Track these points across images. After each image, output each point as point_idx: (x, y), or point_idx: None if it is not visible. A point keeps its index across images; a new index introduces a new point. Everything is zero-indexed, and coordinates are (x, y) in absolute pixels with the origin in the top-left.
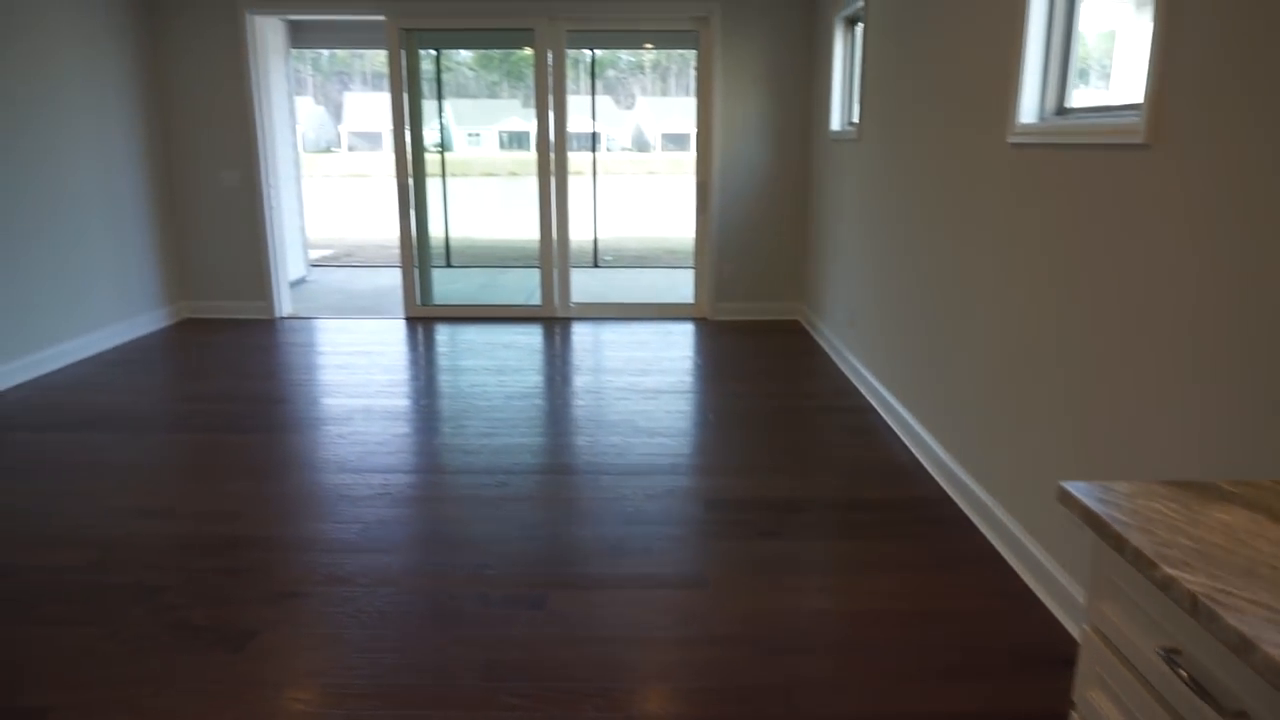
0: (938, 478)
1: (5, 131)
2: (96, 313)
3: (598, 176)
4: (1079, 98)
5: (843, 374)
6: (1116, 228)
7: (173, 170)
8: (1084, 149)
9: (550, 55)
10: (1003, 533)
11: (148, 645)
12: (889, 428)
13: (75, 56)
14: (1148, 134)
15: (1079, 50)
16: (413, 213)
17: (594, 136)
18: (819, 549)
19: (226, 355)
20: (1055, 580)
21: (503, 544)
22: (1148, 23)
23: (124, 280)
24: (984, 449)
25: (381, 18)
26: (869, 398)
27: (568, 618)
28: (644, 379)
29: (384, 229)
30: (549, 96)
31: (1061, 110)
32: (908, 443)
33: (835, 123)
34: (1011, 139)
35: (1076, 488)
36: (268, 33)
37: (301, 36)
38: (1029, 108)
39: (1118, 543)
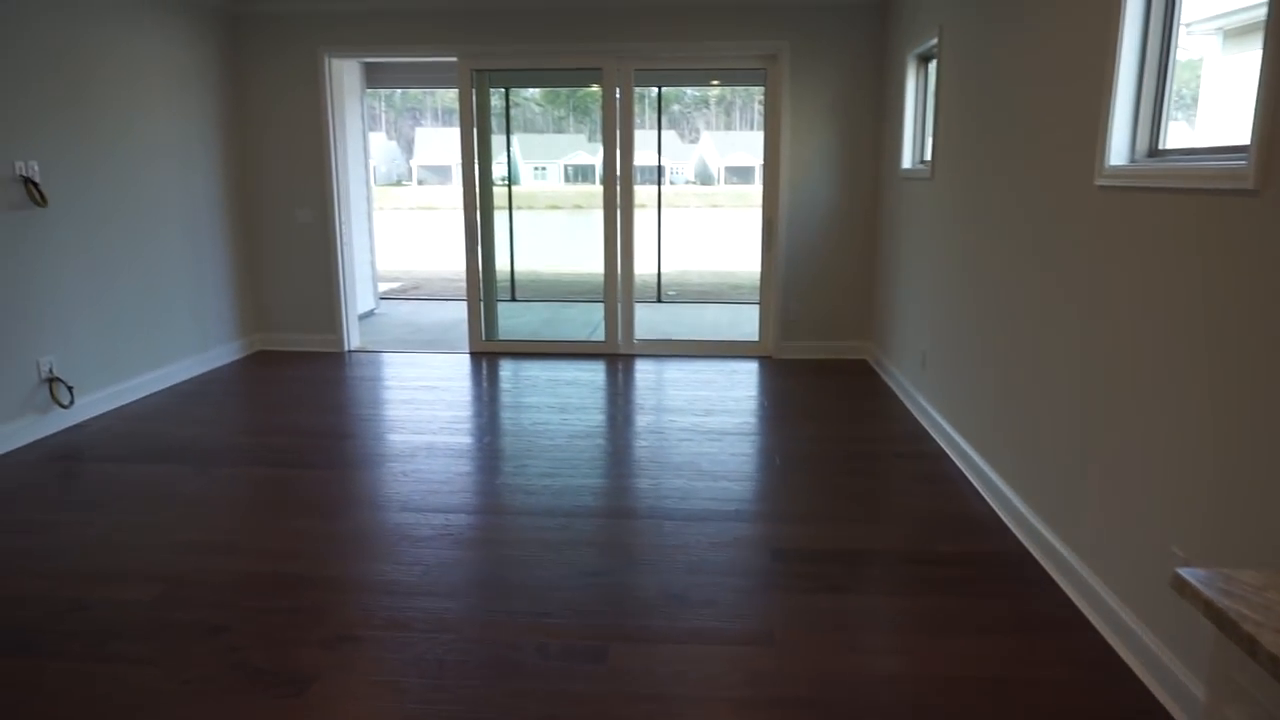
0: (1016, 531)
1: (95, 170)
2: (175, 345)
3: (662, 210)
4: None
5: (913, 417)
6: (1217, 277)
7: (250, 207)
8: (1182, 194)
9: (618, 92)
10: (1090, 595)
11: (210, 688)
12: (963, 476)
13: (164, 97)
14: (1256, 179)
15: (1171, 86)
16: (479, 248)
17: (659, 170)
18: (889, 605)
19: (295, 389)
20: (1150, 651)
21: (563, 591)
22: (1246, 56)
23: (202, 313)
24: (1068, 503)
25: (454, 59)
26: (941, 443)
27: (628, 673)
28: (708, 419)
29: (451, 261)
30: (616, 132)
31: (1155, 152)
32: (984, 492)
33: (906, 160)
34: (1100, 181)
35: (1194, 575)
36: (344, 74)
37: (376, 77)
38: (1119, 149)
39: (1249, 645)
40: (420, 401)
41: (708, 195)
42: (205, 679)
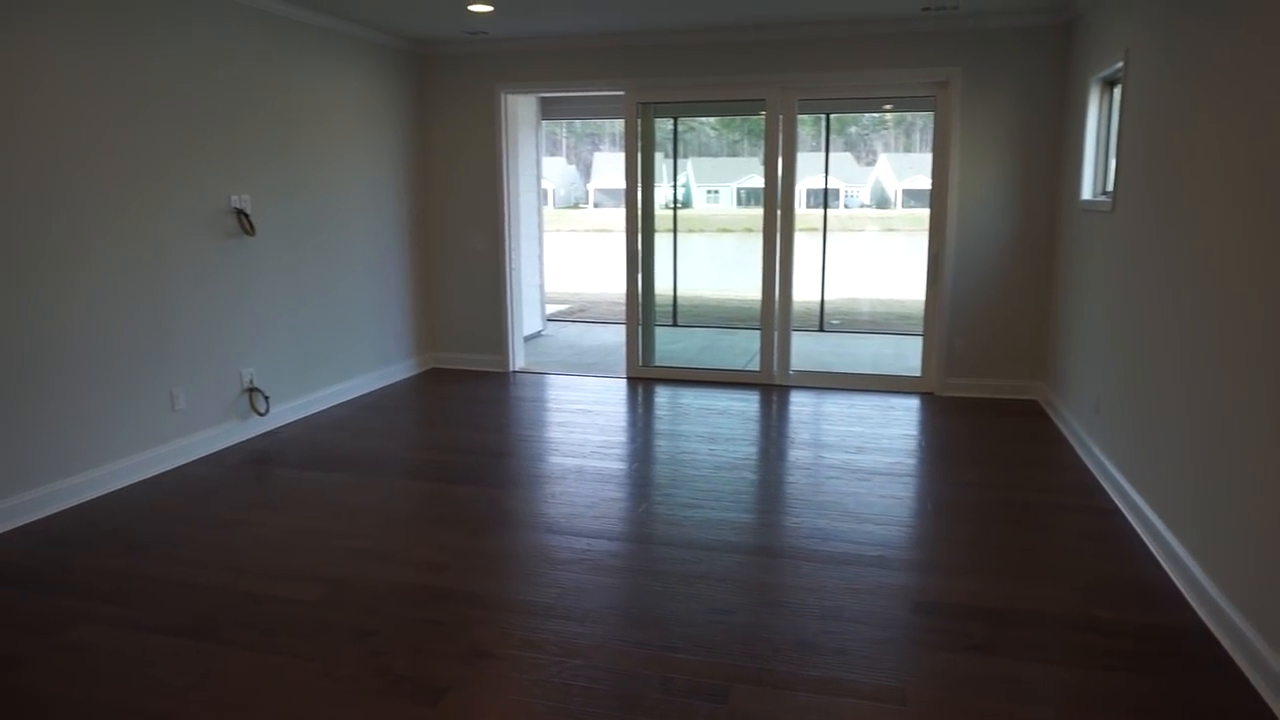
0: (1194, 604)
1: (295, 201)
2: (357, 361)
3: (828, 236)
4: None
5: (1085, 466)
6: None
7: (429, 233)
8: None
9: (780, 121)
10: (1278, 687)
11: (354, 688)
12: (1136, 536)
13: (356, 133)
14: None
15: None
16: (639, 274)
17: (825, 194)
18: (1037, 674)
19: (461, 406)
20: None
21: (692, 626)
22: None
23: (382, 332)
24: (1261, 580)
25: (621, 93)
26: (1115, 497)
27: (748, 716)
28: (859, 457)
29: (618, 284)
30: (778, 160)
31: None
32: (1159, 556)
33: (1086, 191)
34: None
35: None
36: (520, 107)
37: (551, 108)
38: None
39: None
40: (574, 425)
41: (884, 219)
42: (352, 679)
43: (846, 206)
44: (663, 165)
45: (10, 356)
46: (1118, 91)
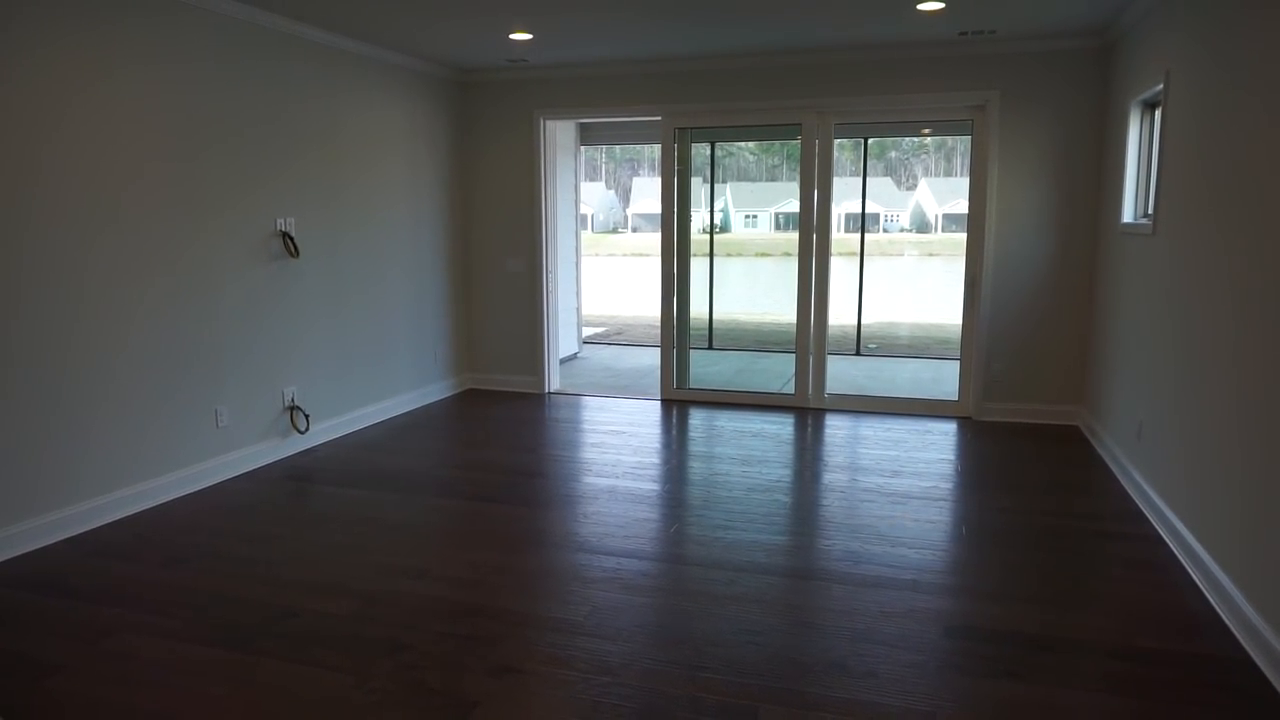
0: (1238, 634)
1: (338, 224)
2: (396, 381)
3: (865, 259)
4: None
5: (1126, 493)
6: None
7: (467, 256)
8: None
9: (816, 145)
10: None
11: (387, 701)
12: (1178, 564)
13: (399, 158)
14: None
15: None
16: (675, 297)
17: (863, 218)
18: (1072, 702)
19: (496, 427)
20: None
21: (721, 646)
22: None
23: (420, 353)
24: None
25: (658, 118)
26: (1156, 525)
27: None
28: (894, 481)
29: (655, 307)
30: (814, 184)
31: None
32: (1201, 585)
33: (1127, 214)
34: None
35: None
36: (558, 133)
37: (589, 134)
38: None
39: None
40: (608, 445)
41: (923, 243)
42: (384, 691)
43: (886, 231)
44: (700, 190)
45: (61, 374)
46: (1158, 114)
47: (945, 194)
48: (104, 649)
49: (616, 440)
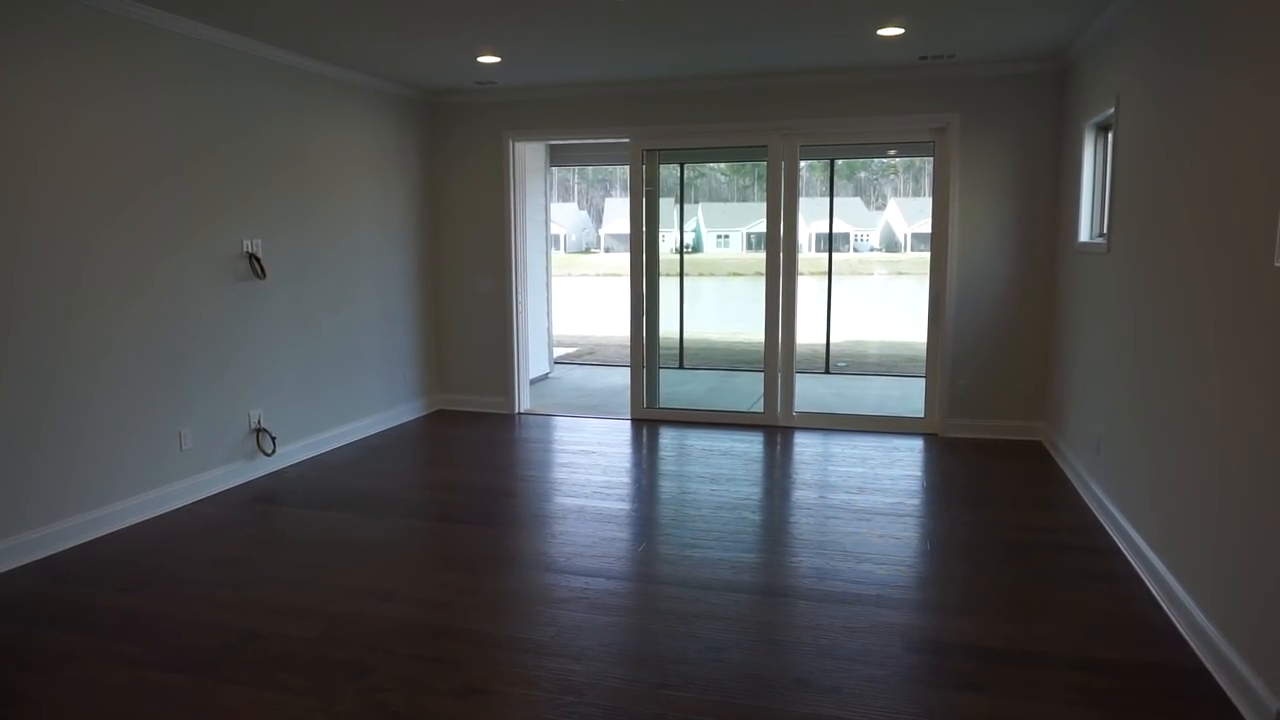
0: (1193, 644)
1: (305, 245)
2: (365, 402)
3: (834, 279)
4: None
5: (1086, 507)
6: None
7: (437, 277)
8: None
9: (783, 166)
10: None
11: None
12: (1136, 576)
13: (366, 179)
14: None
15: None
16: (644, 317)
17: (830, 238)
18: (1034, 713)
19: (466, 447)
20: None
21: (687, 664)
22: None
23: (389, 374)
24: (1260, 622)
25: (626, 140)
26: (1115, 537)
27: None
28: (859, 498)
29: (626, 328)
30: (780, 205)
31: None
32: (1158, 596)
33: (1083, 233)
34: None
35: None
36: (528, 154)
37: (560, 156)
38: None
39: None
40: (578, 465)
41: (893, 262)
42: (350, 715)
43: (857, 250)
44: (671, 210)
45: (21, 397)
46: (1110, 136)
47: (914, 214)
48: (64, 677)
49: (586, 460)
